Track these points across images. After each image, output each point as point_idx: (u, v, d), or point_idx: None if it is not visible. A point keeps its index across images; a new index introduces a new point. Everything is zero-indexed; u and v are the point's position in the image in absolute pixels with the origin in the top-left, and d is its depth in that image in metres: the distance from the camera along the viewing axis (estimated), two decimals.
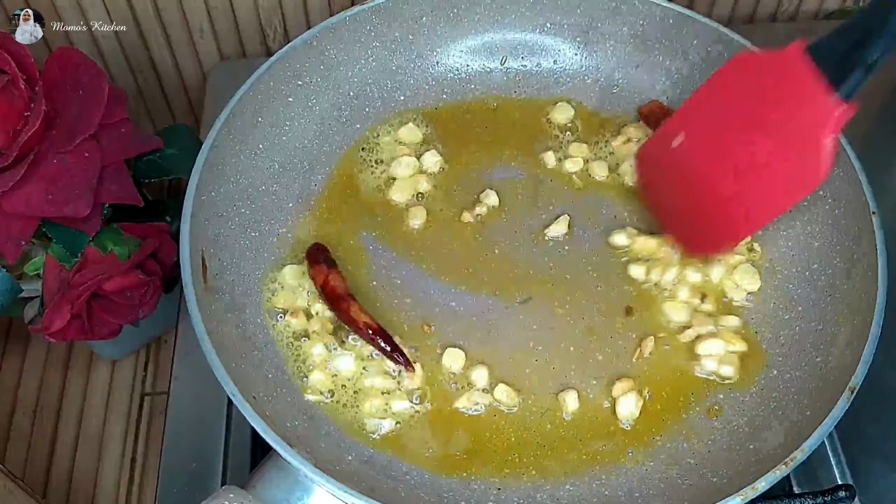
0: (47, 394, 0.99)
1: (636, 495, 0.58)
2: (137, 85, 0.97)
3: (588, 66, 0.78)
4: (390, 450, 0.59)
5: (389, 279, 0.67)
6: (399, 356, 0.61)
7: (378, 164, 0.73)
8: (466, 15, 0.76)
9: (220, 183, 0.65)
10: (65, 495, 0.93)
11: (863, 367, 0.55)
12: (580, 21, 0.76)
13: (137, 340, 1.00)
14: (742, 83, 0.58)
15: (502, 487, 0.58)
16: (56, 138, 0.66)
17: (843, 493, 0.62)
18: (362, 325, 0.62)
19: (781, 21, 1.01)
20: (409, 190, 0.71)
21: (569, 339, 0.65)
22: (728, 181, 0.59)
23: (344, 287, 0.64)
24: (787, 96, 0.54)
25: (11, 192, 0.64)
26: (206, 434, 0.68)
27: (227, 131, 0.65)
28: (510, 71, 0.79)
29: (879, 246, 0.60)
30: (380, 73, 0.76)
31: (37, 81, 0.65)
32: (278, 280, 0.66)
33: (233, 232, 0.66)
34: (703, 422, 0.61)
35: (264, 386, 0.58)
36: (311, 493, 0.54)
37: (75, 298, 0.69)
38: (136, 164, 0.75)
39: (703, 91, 0.61)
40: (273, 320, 0.64)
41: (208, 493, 0.54)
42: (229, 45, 0.95)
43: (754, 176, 0.57)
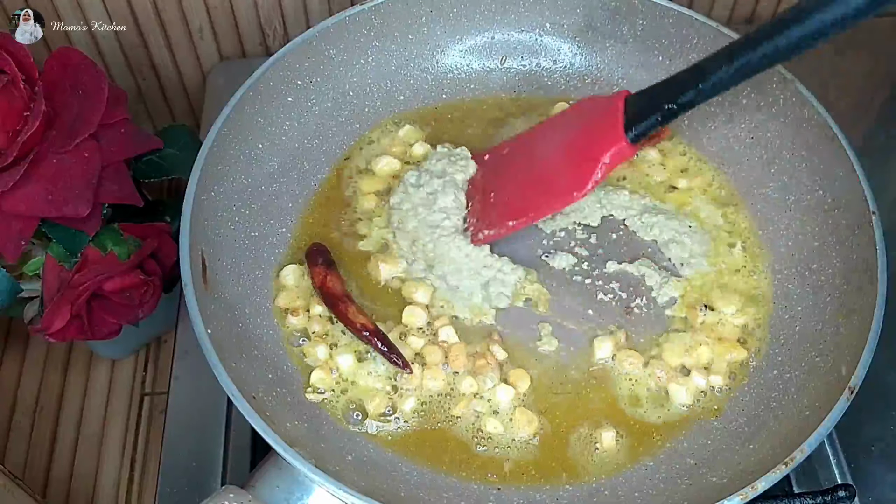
0: (47, 394, 0.99)
1: (636, 495, 0.58)
2: (137, 85, 0.97)
3: (588, 66, 0.78)
4: (390, 450, 0.59)
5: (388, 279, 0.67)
6: (396, 357, 0.61)
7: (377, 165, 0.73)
8: (466, 15, 0.76)
9: (220, 183, 0.65)
10: (65, 495, 0.93)
11: (863, 367, 0.55)
12: (580, 21, 0.76)
13: (137, 340, 1.00)
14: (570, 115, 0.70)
15: (502, 487, 0.58)
16: (56, 138, 0.66)
17: (843, 492, 0.62)
18: (359, 327, 0.62)
19: None
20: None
21: (569, 341, 0.65)
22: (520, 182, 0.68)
23: (342, 288, 0.64)
24: (592, 128, 0.63)
25: (11, 192, 0.64)
26: (206, 434, 0.68)
27: (227, 131, 0.65)
28: (510, 71, 0.79)
29: (879, 246, 0.60)
30: (380, 73, 0.76)
31: (37, 81, 0.65)
32: (278, 280, 0.66)
33: (233, 232, 0.66)
34: (703, 422, 0.61)
35: (264, 386, 0.58)
36: (311, 493, 0.54)
37: (75, 298, 0.69)
38: (136, 164, 0.75)
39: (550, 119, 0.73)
40: (273, 320, 0.64)
41: (208, 493, 0.54)
42: (229, 45, 0.95)
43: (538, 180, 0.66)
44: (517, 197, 0.67)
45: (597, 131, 0.63)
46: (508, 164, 0.70)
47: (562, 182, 0.64)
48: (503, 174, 0.70)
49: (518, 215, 0.66)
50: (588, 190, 0.62)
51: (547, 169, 0.66)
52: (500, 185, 0.69)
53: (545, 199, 0.65)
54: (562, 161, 0.65)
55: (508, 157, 0.70)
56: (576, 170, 0.63)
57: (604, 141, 0.61)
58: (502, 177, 0.69)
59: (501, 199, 0.68)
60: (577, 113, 0.68)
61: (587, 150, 0.62)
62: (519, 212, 0.66)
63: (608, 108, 0.62)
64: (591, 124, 0.64)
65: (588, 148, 0.62)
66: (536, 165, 0.67)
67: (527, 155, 0.69)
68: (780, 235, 0.68)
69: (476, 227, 0.68)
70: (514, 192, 0.67)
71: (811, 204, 0.67)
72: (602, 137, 0.61)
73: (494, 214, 0.67)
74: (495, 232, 0.67)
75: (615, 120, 0.61)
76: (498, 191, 0.69)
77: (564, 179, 0.64)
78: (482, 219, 0.68)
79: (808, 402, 0.58)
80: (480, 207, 0.69)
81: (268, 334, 0.63)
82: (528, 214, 0.66)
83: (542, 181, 0.66)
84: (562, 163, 0.65)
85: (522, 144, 0.70)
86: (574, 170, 0.63)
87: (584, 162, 0.62)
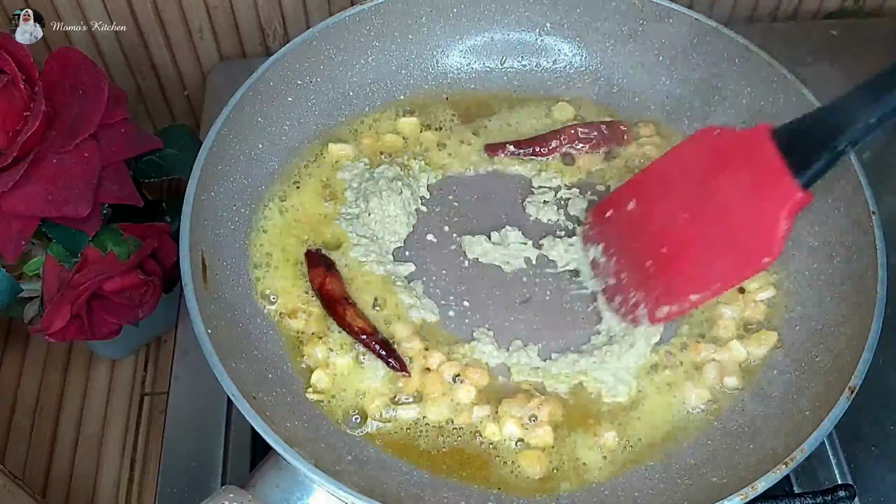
0: (47, 394, 0.99)
1: (636, 495, 0.57)
2: (137, 85, 0.97)
3: (588, 66, 0.78)
4: (391, 450, 0.59)
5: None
6: (394, 360, 0.61)
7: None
8: (466, 15, 0.76)
9: (220, 183, 0.65)
10: (65, 495, 0.93)
11: (863, 367, 0.55)
12: (580, 21, 0.76)
13: (137, 340, 1.00)
14: (703, 157, 0.59)
15: (502, 487, 0.58)
16: (56, 138, 0.66)
17: (843, 492, 0.62)
18: (357, 330, 0.62)
19: (781, 21, 1.01)
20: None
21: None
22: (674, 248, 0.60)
23: (341, 290, 0.64)
24: (747, 175, 0.55)
25: (11, 192, 0.64)
26: (206, 434, 0.68)
27: (227, 131, 0.65)
28: (510, 71, 0.79)
29: (879, 246, 0.60)
30: (380, 73, 0.76)
31: (37, 81, 0.65)
32: (278, 279, 0.66)
33: (233, 232, 0.66)
34: (704, 422, 0.61)
35: (264, 386, 0.58)
36: (311, 493, 0.54)
37: (75, 298, 0.69)
38: (136, 164, 0.75)
39: (664, 159, 0.63)
40: (273, 320, 0.64)
41: (208, 493, 0.54)
42: (229, 45, 0.95)
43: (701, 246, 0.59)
44: (691, 266, 0.59)
45: (758, 181, 0.54)
46: (650, 223, 0.62)
47: (746, 249, 0.56)
48: (650, 237, 0.62)
49: (701, 288, 0.58)
50: (779, 253, 0.54)
51: (714, 230, 0.58)
52: (655, 253, 0.61)
53: (730, 269, 0.57)
54: (728, 221, 0.57)
55: (647, 216, 0.63)
56: (756, 233, 0.55)
57: (775, 194, 0.53)
58: (651, 240, 0.62)
59: (668, 268, 0.60)
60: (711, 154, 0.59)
61: (758, 206, 0.54)
62: (702, 284, 0.58)
63: (757, 151, 0.54)
64: (746, 173, 0.55)
65: (758, 204, 0.54)
66: (697, 224, 0.59)
67: (672, 211, 0.60)
68: None
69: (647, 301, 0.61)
70: (684, 261, 0.60)
71: (811, 204, 0.66)
72: (770, 189, 0.54)
73: (666, 288, 0.60)
74: (678, 308, 0.60)
75: (773, 165, 0.53)
76: (656, 259, 0.61)
77: (747, 245, 0.56)
78: (650, 293, 0.61)
79: (808, 402, 0.58)
80: (636, 280, 0.62)
81: (268, 334, 0.63)
82: (714, 286, 0.58)
83: (716, 246, 0.58)
84: (729, 223, 0.57)
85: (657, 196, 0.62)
86: (754, 233, 0.55)
87: (762, 223, 0.54)
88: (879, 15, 1.01)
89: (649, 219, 0.62)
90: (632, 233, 0.63)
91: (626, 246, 0.64)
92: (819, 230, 0.66)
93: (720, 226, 0.57)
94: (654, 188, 0.63)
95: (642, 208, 0.63)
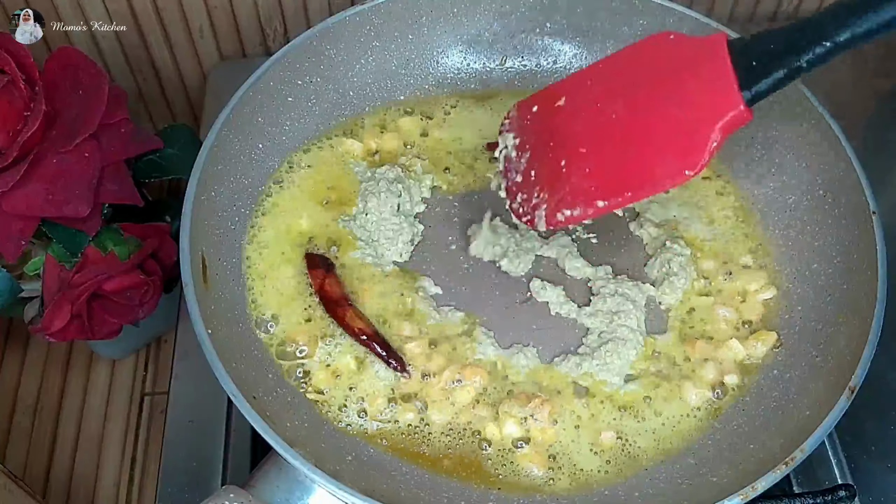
0: (47, 394, 0.99)
1: (636, 495, 0.58)
2: (137, 85, 0.97)
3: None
4: (391, 450, 0.59)
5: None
6: (394, 361, 0.61)
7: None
8: (466, 15, 0.76)
9: (220, 183, 0.65)
10: (65, 495, 0.93)
11: (863, 367, 0.55)
12: (580, 21, 0.76)
13: (137, 340, 1.00)
14: (651, 61, 0.56)
15: (502, 488, 0.58)
16: (56, 138, 0.66)
17: (843, 492, 0.62)
18: (357, 331, 0.62)
19: (781, 20, 1.01)
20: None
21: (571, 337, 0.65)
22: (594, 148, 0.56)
23: (340, 292, 0.64)
24: (692, 82, 0.52)
25: (11, 192, 0.64)
26: (206, 434, 0.68)
27: (227, 131, 0.65)
28: (510, 71, 0.79)
29: (879, 246, 0.60)
30: (380, 72, 0.76)
31: (37, 81, 0.65)
32: (279, 280, 0.66)
33: (233, 232, 0.66)
34: (704, 422, 0.61)
35: (264, 386, 0.58)
36: (311, 493, 0.54)
37: (75, 298, 0.69)
38: (136, 164, 0.75)
39: (610, 59, 0.59)
40: (273, 320, 0.64)
41: (208, 493, 0.54)
42: (229, 45, 0.95)
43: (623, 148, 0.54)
44: (606, 169, 0.54)
45: (700, 88, 0.51)
46: (576, 121, 0.57)
47: (667, 155, 0.52)
48: (572, 135, 0.57)
49: (611, 194, 0.54)
50: (703, 167, 0.50)
51: (639, 134, 0.53)
52: (571, 151, 0.56)
53: (648, 177, 0.53)
54: (659, 125, 0.53)
55: (575, 113, 0.57)
56: (683, 140, 0.51)
57: (714, 102, 0.50)
58: (572, 139, 0.56)
59: (579, 169, 0.55)
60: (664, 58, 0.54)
61: (690, 115, 0.51)
62: (612, 190, 0.54)
63: (711, 58, 0.50)
64: (690, 77, 0.52)
65: (693, 111, 0.51)
66: (625, 127, 0.54)
67: (603, 110, 0.56)
68: (780, 235, 0.68)
69: (548, 202, 0.57)
70: (599, 163, 0.55)
71: (811, 204, 0.67)
72: (710, 97, 0.50)
73: (573, 189, 0.55)
74: (581, 212, 0.55)
75: (724, 74, 0.49)
76: (571, 158, 0.56)
77: (670, 152, 0.52)
78: (554, 194, 0.56)
79: (808, 402, 0.58)
80: (545, 178, 0.57)
81: (268, 334, 0.63)
82: (625, 194, 0.54)
83: (637, 151, 0.53)
84: (660, 128, 0.53)
85: (591, 93, 0.57)
86: (680, 140, 0.51)
87: (689, 131, 0.50)
88: None
89: (576, 116, 0.57)
90: (553, 129, 0.59)
91: (544, 142, 0.59)
92: (819, 230, 0.66)
93: (649, 130, 0.53)
94: (591, 86, 0.58)
95: (573, 105, 0.58)
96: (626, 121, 0.55)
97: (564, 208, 0.56)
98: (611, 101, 0.56)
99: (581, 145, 0.56)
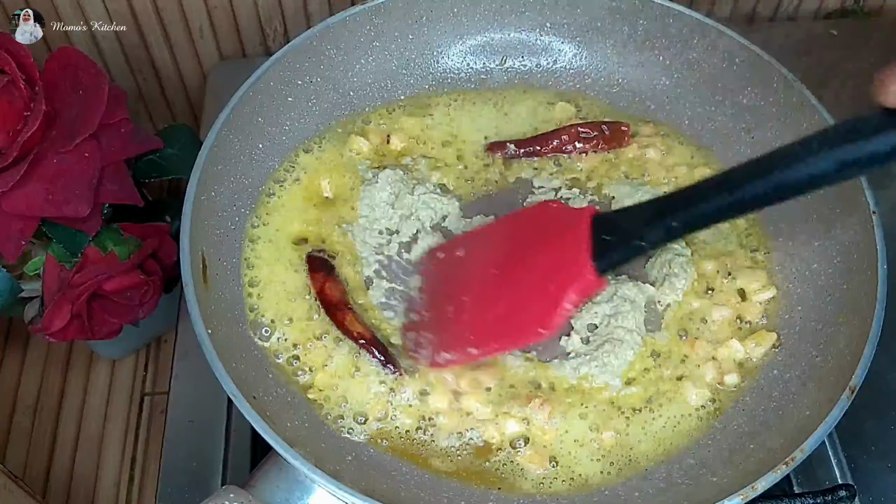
0: (47, 394, 0.99)
1: (636, 495, 0.58)
2: (137, 85, 0.97)
3: (588, 66, 0.78)
4: (391, 451, 0.59)
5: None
6: (393, 366, 0.61)
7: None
8: (466, 15, 0.76)
9: (220, 183, 0.65)
10: (65, 495, 0.93)
11: (863, 367, 0.55)
12: (580, 21, 0.76)
13: (137, 340, 1.00)
14: (533, 223, 0.62)
15: (502, 487, 0.58)
16: (56, 138, 0.66)
17: (844, 492, 0.62)
18: (356, 335, 0.62)
19: (781, 20, 1.01)
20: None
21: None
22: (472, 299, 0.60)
23: (340, 296, 0.64)
24: (556, 250, 0.57)
25: (11, 192, 0.64)
26: (206, 434, 0.68)
27: (227, 131, 0.65)
28: (510, 71, 0.79)
29: (879, 246, 0.60)
30: (380, 72, 0.76)
31: (37, 81, 0.66)
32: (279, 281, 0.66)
33: (233, 232, 0.66)
34: (704, 422, 0.61)
35: (264, 386, 0.58)
36: (311, 493, 0.54)
37: (75, 298, 0.69)
38: (136, 164, 0.75)
39: (506, 218, 0.66)
40: (273, 321, 0.64)
41: (208, 493, 0.54)
42: (229, 45, 0.95)
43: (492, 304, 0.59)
44: (480, 320, 0.59)
45: (561, 256, 0.56)
46: (466, 272, 0.63)
47: (527, 313, 0.56)
48: (461, 284, 0.62)
49: (480, 344, 0.58)
50: (554, 330, 0.55)
51: (510, 291, 0.58)
52: (457, 300, 0.61)
53: (509, 332, 0.58)
54: (524, 286, 0.58)
55: (467, 264, 0.63)
56: (540, 301, 0.56)
57: (568, 270, 0.55)
58: (461, 288, 0.62)
59: (460, 317, 0.60)
60: (540, 223, 0.61)
61: (551, 278, 0.56)
62: (481, 340, 0.58)
63: (574, 230, 0.55)
64: (555, 245, 0.57)
65: (552, 276, 0.56)
66: (500, 283, 0.59)
67: (487, 266, 0.61)
68: (781, 235, 0.68)
69: (433, 343, 0.60)
70: (475, 314, 0.59)
71: (811, 204, 0.67)
72: (567, 265, 0.55)
73: (454, 335, 0.60)
74: (456, 358, 0.59)
75: (580, 245, 0.54)
76: (457, 306, 0.61)
77: (529, 311, 0.56)
78: (439, 336, 0.60)
79: (808, 401, 0.58)
80: (434, 321, 0.62)
81: (268, 334, 0.63)
82: (491, 345, 0.58)
83: (505, 307, 0.58)
84: (524, 288, 0.58)
85: (482, 249, 0.63)
86: (538, 301, 0.56)
87: (547, 293, 0.55)
88: (879, 15, 1.01)
89: (467, 268, 0.63)
90: (447, 277, 0.64)
91: (440, 288, 0.64)
92: (819, 230, 0.66)
93: (515, 290, 0.58)
94: (483, 242, 0.64)
95: (466, 257, 0.64)
96: (501, 278, 0.59)
97: (444, 351, 0.59)
98: (495, 258, 0.61)
99: (465, 294, 0.61)
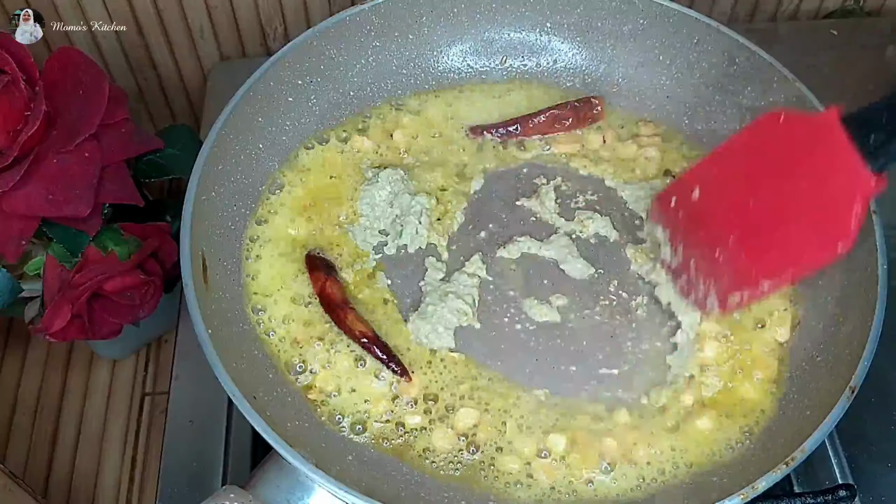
0: (47, 394, 0.99)
1: (636, 495, 0.57)
2: (137, 85, 0.97)
3: (588, 66, 0.78)
4: (391, 451, 0.59)
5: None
6: (395, 365, 0.61)
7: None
8: (466, 15, 0.76)
9: (220, 183, 0.65)
10: (65, 495, 0.93)
11: (863, 367, 0.55)
12: (580, 21, 0.76)
13: (137, 340, 1.00)
14: (769, 143, 0.58)
15: (503, 488, 0.58)
16: (56, 138, 0.66)
17: (844, 492, 0.62)
18: (358, 334, 0.62)
19: (781, 20, 1.01)
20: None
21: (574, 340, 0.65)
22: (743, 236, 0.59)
23: (341, 295, 0.64)
24: (817, 162, 0.54)
25: (11, 192, 0.64)
26: (206, 434, 0.68)
27: (227, 131, 0.65)
28: (510, 71, 0.79)
29: (879, 246, 0.60)
30: (380, 72, 0.76)
31: (37, 81, 0.66)
32: (279, 281, 0.66)
33: (233, 232, 0.66)
34: (704, 422, 0.61)
35: (264, 386, 0.58)
36: (311, 493, 0.54)
37: (75, 298, 0.69)
38: (137, 164, 0.75)
39: (727, 146, 0.62)
40: (273, 321, 0.64)
41: (208, 493, 0.54)
42: (229, 45, 0.95)
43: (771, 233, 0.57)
44: (762, 254, 0.58)
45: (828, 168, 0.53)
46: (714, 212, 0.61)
47: (813, 233, 0.54)
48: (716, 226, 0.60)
49: (772, 274, 0.57)
50: (855, 236, 0.52)
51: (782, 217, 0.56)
52: (720, 240, 0.59)
53: (808, 254, 0.56)
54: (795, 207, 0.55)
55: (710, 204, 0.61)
56: (827, 218, 0.54)
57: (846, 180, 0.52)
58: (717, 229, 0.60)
59: (734, 256, 0.59)
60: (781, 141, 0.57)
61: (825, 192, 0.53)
62: (772, 270, 0.57)
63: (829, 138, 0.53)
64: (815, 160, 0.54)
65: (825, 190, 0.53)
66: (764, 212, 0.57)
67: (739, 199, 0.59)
68: None
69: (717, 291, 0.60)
70: (753, 250, 0.58)
71: None
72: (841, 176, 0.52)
73: (736, 275, 0.59)
74: (750, 294, 0.58)
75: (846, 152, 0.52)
76: (723, 247, 0.59)
77: (818, 230, 0.54)
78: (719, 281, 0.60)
79: (808, 401, 0.58)
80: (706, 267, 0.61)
81: (268, 334, 0.63)
82: (787, 272, 0.57)
83: (783, 234, 0.56)
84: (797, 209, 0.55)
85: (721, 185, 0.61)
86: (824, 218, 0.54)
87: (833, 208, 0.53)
88: (879, 15, 1.01)
89: (713, 207, 0.61)
90: (698, 221, 0.62)
91: (694, 234, 0.63)
92: None
93: (791, 213, 0.56)
94: (718, 176, 0.61)
95: (706, 196, 0.62)
96: (763, 206, 0.57)
97: (733, 292, 0.59)
98: (742, 189, 0.59)
99: (727, 234, 0.59)
